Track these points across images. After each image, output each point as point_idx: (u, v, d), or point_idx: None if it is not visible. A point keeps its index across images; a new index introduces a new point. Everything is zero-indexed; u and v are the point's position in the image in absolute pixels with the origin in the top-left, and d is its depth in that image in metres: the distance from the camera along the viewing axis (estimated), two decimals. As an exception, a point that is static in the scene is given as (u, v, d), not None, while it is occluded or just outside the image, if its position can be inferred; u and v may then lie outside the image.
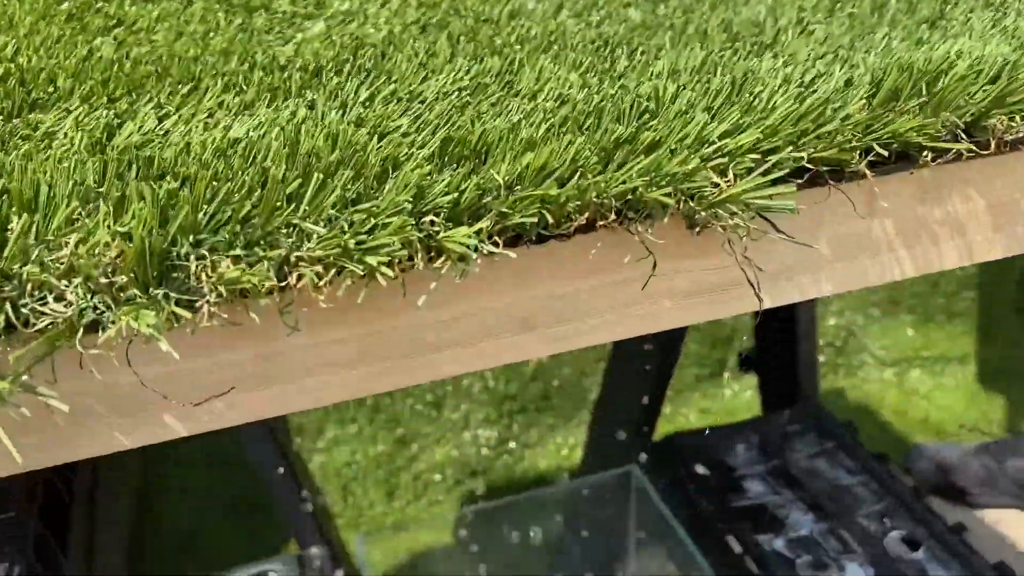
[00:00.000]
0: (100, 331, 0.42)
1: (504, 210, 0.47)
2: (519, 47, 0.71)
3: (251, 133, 0.53)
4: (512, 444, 1.98)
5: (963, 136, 0.55)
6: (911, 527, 1.26)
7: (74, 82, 0.63)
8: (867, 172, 0.54)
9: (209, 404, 0.48)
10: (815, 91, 0.56)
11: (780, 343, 1.62)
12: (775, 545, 1.23)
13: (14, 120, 0.58)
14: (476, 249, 0.45)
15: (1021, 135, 0.57)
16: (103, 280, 0.41)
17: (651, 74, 0.63)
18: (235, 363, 0.48)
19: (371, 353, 0.50)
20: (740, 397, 2.33)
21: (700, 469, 1.38)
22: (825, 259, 0.57)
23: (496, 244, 0.47)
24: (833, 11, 0.79)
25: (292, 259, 0.43)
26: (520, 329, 0.52)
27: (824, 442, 1.45)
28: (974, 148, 0.55)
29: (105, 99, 0.61)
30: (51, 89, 0.62)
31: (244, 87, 0.63)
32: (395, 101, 0.59)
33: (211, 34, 0.76)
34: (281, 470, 1.26)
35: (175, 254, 0.42)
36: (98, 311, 0.41)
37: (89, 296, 0.41)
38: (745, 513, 1.29)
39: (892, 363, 2.55)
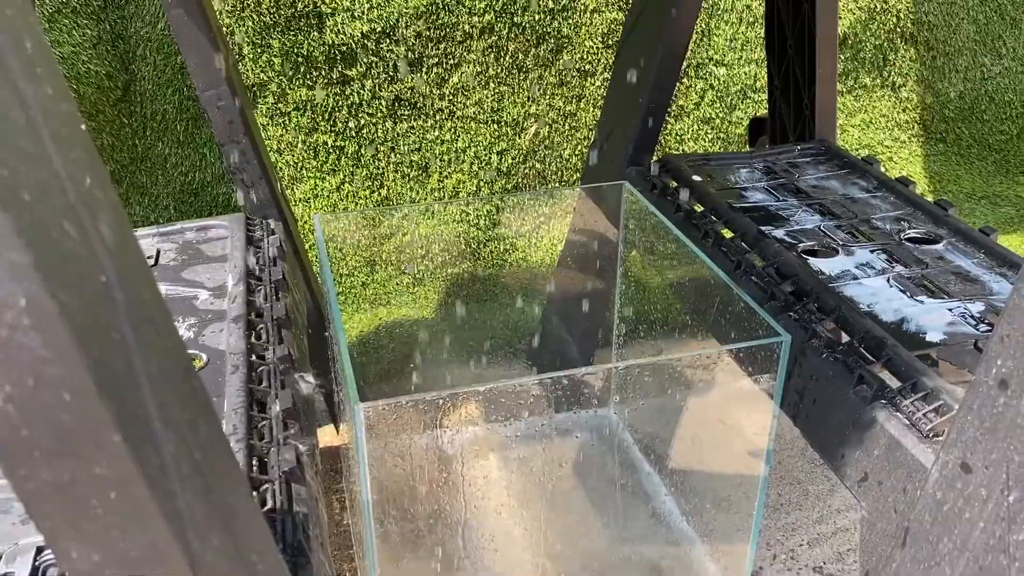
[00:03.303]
0: None
1: None
2: None
3: None
4: (503, 229, 1.86)
5: None
6: (931, 228, 1.12)
7: None
8: None
9: None
10: None
11: (795, 89, 1.47)
12: (775, 234, 1.10)
13: None
14: None
15: None
16: None
17: None
18: None
19: None
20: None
21: (696, 178, 1.24)
22: None
23: None
24: None
25: None
26: None
27: (837, 169, 1.30)
28: None
29: None
30: None
31: None
32: None
33: None
34: (244, 142, 1.14)
35: None
36: None
37: None
38: (743, 211, 1.16)
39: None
